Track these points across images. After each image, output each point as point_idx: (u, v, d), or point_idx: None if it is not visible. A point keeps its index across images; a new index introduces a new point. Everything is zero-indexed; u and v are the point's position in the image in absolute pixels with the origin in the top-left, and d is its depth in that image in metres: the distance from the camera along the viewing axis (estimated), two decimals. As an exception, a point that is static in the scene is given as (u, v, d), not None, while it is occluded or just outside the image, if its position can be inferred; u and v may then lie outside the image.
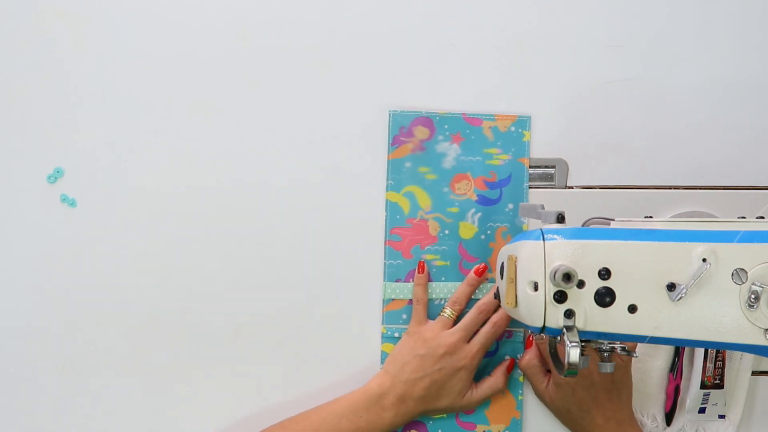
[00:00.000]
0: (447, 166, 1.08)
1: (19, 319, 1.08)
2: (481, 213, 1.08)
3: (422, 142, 1.07)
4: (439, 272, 1.08)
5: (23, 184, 1.08)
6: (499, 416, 1.08)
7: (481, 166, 1.08)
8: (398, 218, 1.08)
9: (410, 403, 1.03)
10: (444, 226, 1.08)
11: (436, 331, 1.04)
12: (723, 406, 1.07)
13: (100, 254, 1.08)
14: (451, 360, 1.03)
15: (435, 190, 1.08)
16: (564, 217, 0.92)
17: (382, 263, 1.08)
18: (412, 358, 1.03)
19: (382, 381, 1.04)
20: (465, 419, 1.08)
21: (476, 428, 1.08)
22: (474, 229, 1.08)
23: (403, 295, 1.08)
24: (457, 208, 1.08)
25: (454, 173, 1.08)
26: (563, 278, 0.85)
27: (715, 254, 0.86)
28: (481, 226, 1.08)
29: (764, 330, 0.85)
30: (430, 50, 1.08)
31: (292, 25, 1.08)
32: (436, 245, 1.08)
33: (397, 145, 1.08)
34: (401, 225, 1.08)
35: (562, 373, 0.89)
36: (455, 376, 1.03)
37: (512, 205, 1.08)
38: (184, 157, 1.08)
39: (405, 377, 1.03)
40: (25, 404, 1.09)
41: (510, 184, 1.08)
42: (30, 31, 1.07)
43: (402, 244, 1.08)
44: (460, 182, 1.08)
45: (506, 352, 1.09)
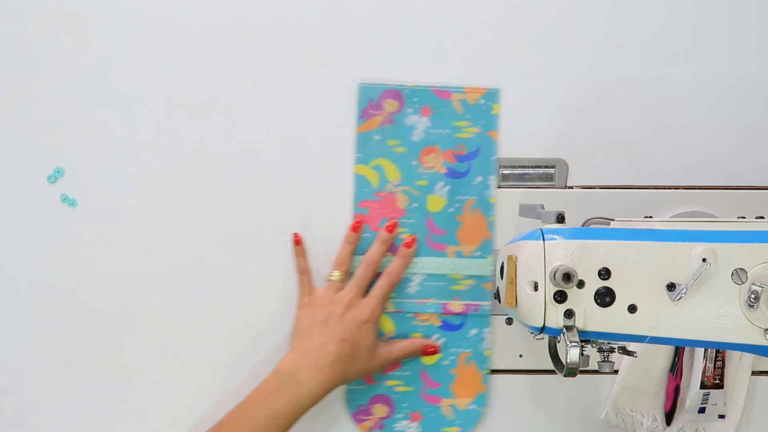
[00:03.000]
0: (416, 139, 1.08)
1: (19, 319, 1.08)
2: (450, 186, 1.08)
3: (391, 115, 1.07)
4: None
5: (23, 184, 1.08)
6: (465, 390, 1.08)
7: (449, 139, 1.08)
8: (366, 191, 1.08)
9: (326, 370, 1.01)
10: (413, 199, 1.08)
11: (329, 296, 1.04)
12: (723, 406, 1.07)
13: (100, 254, 1.08)
14: (353, 315, 1.03)
15: (403, 163, 1.08)
16: (564, 217, 0.92)
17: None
18: (315, 326, 1.03)
19: (292, 357, 1.02)
20: (431, 392, 1.08)
21: (441, 402, 1.08)
22: (443, 202, 1.08)
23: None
24: (425, 181, 1.08)
25: (423, 146, 1.08)
26: (563, 278, 0.86)
27: (715, 254, 0.86)
28: (449, 199, 1.08)
29: (764, 330, 0.85)
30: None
31: (292, 24, 1.08)
32: (405, 218, 1.08)
33: (365, 118, 1.07)
34: (369, 198, 1.08)
35: (562, 373, 0.90)
36: (361, 330, 1.02)
37: (481, 178, 1.08)
38: (184, 157, 1.08)
39: (314, 345, 1.01)
40: (25, 404, 1.09)
41: (479, 157, 1.07)
42: (30, 31, 1.07)
43: (370, 217, 1.08)
44: (428, 155, 1.08)
45: (473, 325, 1.08)
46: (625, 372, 1.07)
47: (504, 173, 1.09)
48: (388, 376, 1.09)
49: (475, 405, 1.08)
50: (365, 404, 1.09)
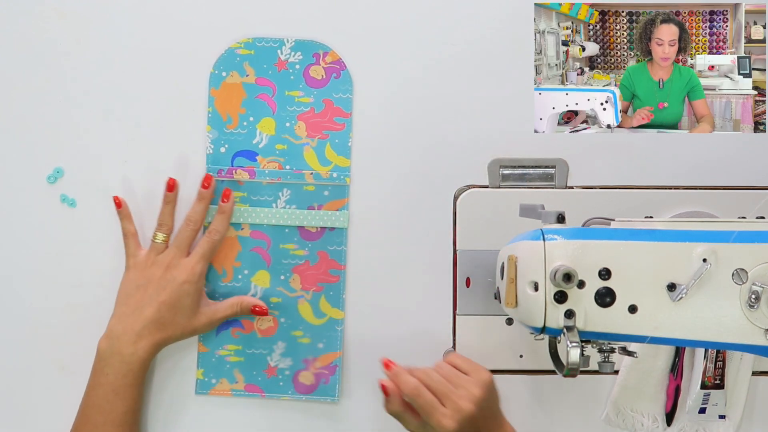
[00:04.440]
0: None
1: (19, 319, 1.08)
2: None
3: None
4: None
5: (23, 184, 1.08)
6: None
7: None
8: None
9: (145, 334, 1.01)
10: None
11: (151, 258, 1.04)
12: (723, 407, 1.07)
13: (100, 254, 1.08)
14: (172, 277, 1.02)
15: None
16: (564, 217, 0.92)
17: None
18: (135, 290, 1.03)
19: (110, 326, 1.03)
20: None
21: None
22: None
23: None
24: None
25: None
26: (563, 278, 0.86)
27: (716, 254, 0.86)
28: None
29: (764, 330, 0.85)
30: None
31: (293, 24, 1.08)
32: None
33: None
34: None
35: (562, 373, 0.90)
36: (181, 291, 1.02)
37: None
38: (184, 157, 1.08)
39: (131, 310, 1.02)
40: (25, 404, 1.09)
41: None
42: (30, 31, 1.07)
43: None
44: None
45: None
46: (626, 372, 1.07)
47: (504, 173, 1.09)
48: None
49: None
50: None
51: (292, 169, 1.08)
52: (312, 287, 1.08)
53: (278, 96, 1.07)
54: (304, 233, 1.08)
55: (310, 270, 1.08)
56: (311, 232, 1.08)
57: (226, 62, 1.07)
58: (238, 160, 1.07)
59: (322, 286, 1.08)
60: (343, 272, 1.08)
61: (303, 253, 1.08)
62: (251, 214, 1.07)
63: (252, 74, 1.07)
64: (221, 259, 1.07)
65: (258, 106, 1.07)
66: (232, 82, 1.07)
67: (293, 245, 1.08)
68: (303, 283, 1.08)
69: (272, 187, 1.07)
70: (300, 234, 1.08)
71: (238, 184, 1.07)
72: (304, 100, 1.07)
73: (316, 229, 1.07)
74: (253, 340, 1.07)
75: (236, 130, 1.07)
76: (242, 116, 1.07)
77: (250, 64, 1.07)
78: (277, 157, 1.07)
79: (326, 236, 1.08)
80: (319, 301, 1.08)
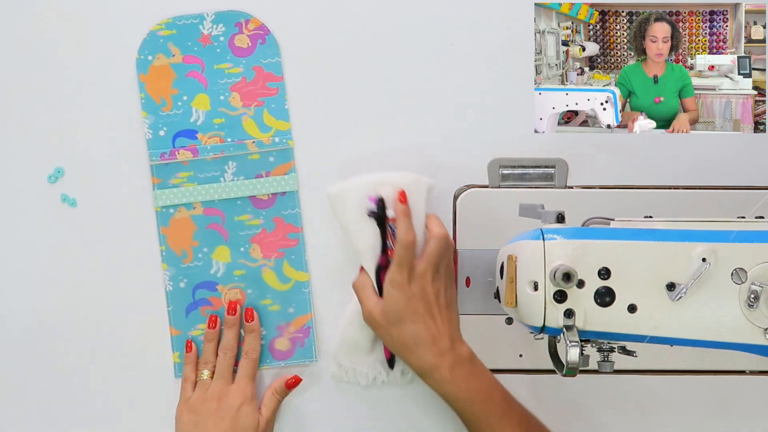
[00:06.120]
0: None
1: (19, 319, 1.08)
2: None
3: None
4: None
5: (23, 184, 1.08)
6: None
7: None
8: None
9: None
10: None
11: (201, 396, 1.05)
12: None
13: (100, 254, 1.08)
14: (228, 405, 1.04)
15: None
16: (564, 217, 0.92)
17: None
18: (194, 429, 1.04)
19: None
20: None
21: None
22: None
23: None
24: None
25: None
26: (563, 278, 0.86)
27: (715, 254, 0.86)
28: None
29: (764, 329, 0.85)
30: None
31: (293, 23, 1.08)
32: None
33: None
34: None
35: (562, 373, 0.90)
36: (239, 415, 1.03)
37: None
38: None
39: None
40: (25, 404, 1.09)
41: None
42: (30, 31, 1.07)
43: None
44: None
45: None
46: (344, 327, 1.07)
47: (504, 173, 1.09)
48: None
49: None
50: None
51: (233, 141, 1.07)
52: (273, 254, 1.08)
53: (208, 71, 1.07)
54: (256, 202, 1.08)
55: (269, 237, 1.08)
56: (263, 200, 1.08)
57: (150, 45, 1.07)
58: (179, 141, 1.07)
59: (282, 251, 1.08)
60: (301, 234, 1.08)
61: (258, 222, 1.08)
62: (201, 192, 1.07)
63: (178, 53, 1.07)
64: (179, 242, 1.08)
65: (189, 84, 1.07)
66: (159, 64, 1.07)
67: (248, 216, 1.08)
68: (263, 252, 1.08)
69: (217, 162, 1.07)
70: (252, 204, 1.08)
71: (182, 165, 1.07)
72: (234, 70, 1.07)
73: (267, 196, 1.08)
74: (223, 316, 1.07)
75: (172, 111, 1.07)
76: (175, 97, 1.07)
77: (175, 43, 1.07)
78: (216, 131, 1.07)
79: (279, 202, 1.08)
80: (282, 266, 1.08)
